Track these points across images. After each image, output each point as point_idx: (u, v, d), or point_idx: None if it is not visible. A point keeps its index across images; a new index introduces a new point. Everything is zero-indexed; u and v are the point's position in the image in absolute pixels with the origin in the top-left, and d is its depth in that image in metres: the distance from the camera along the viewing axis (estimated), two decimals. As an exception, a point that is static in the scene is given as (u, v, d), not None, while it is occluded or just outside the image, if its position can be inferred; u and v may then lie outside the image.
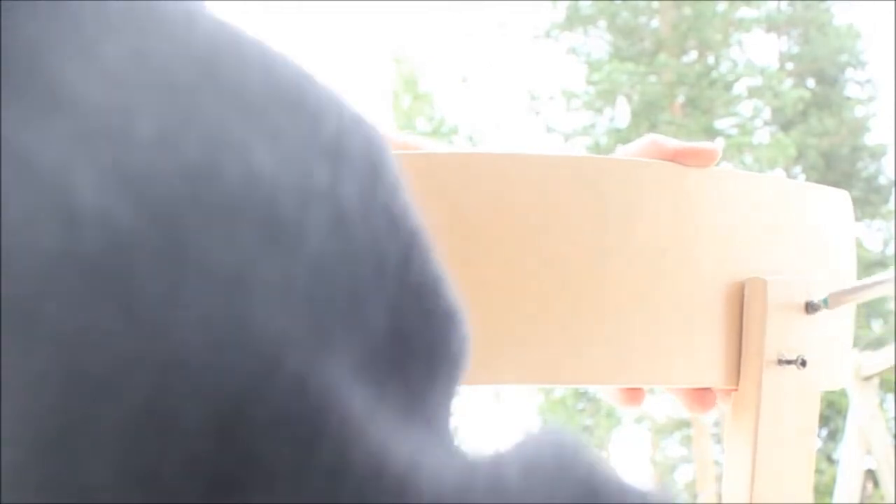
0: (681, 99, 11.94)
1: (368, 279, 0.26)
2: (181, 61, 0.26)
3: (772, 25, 12.63)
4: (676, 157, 0.60)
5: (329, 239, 0.26)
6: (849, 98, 12.61)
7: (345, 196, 0.26)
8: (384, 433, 0.26)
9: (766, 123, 12.34)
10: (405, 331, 0.27)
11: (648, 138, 0.61)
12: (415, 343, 0.28)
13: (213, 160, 0.25)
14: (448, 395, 0.29)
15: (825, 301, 0.60)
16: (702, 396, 0.62)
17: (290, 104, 0.27)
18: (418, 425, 0.27)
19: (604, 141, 11.96)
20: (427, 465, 0.26)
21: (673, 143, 0.60)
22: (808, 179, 11.49)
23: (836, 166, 12.19)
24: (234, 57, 0.27)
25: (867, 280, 0.61)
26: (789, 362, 0.60)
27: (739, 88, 12.20)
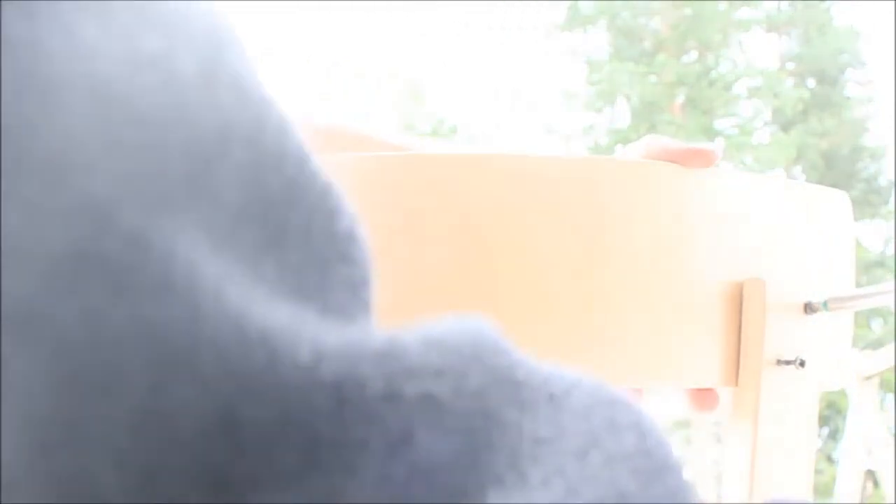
0: (681, 99, 11.93)
1: (210, 146, 0.26)
2: None
3: (772, 25, 12.62)
4: (678, 159, 0.60)
5: (159, 101, 0.25)
6: (849, 98, 12.59)
7: (179, 61, 0.26)
8: (249, 300, 0.25)
9: (766, 123, 12.34)
10: (269, 203, 0.27)
11: (649, 139, 0.61)
12: (283, 216, 0.27)
13: (35, 37, 0.25)
14: (346, 278, 0.28)
15: (825, 305, 0.60)
16: (704, 396, 0.62)
17: None
18: (303, 304, 0.26)
19: (604, 141, 11.95)
20: (308, 331, 0.25)
21: (674, 144, 0.60)
22: (808, 180, 11.50)
23: (837, 166, 12.18)
24: None
25: (869, 289, 0.61)
26: (788, 363, 0.60)
27: (739, 88, 12.20)
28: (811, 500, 0.61)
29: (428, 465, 0.26)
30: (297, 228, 0.27)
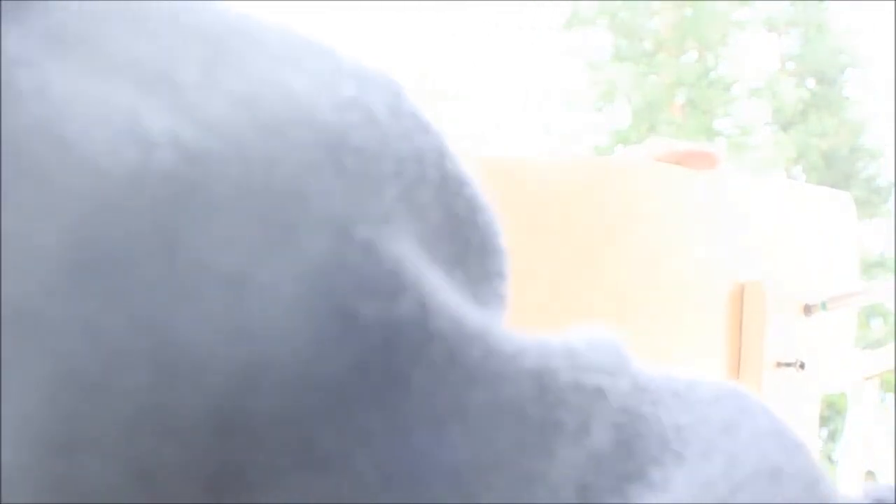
0: (681, 99, 11.93)
1: (411, 169, 0.29)
2: (211, 23, 0.30)
3: (772, 25, 12.61)
4: (681, 160, 0.60)
5: (367, 135, 0.29)
6: (849, 98, 12.59)
7: (372, 103, 0.30)
8: (457, 302, 0.28)
9: (765, 123, 12.33)
10: (457, 221, 0.30)
11: (652, 142, 0.61)
12: (467, 233, 0.31)
13: (253, 89, 0.28)
14: (501, 292, 0.32)
15: (823, 305, 0.60)
16: None
17: (308, 47, 0.31)
18: (480, 307, 0.30)
19: (604, 141, 11.95)
20: (503, 329, 0.29)
21: (677, 146, 0.60)
22: (807, 180, 11.49)
23: (836, 167, 12.18)
24: (250, 20, 0.31)
25: (866, 286, 0.61)
26: (788, 365, 0.60)
27: (739, 88, 12.19)
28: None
29: (599, 451, 0.29)
30: (475, 245, 0.31)
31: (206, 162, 0.27)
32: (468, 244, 0.31)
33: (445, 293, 0.28)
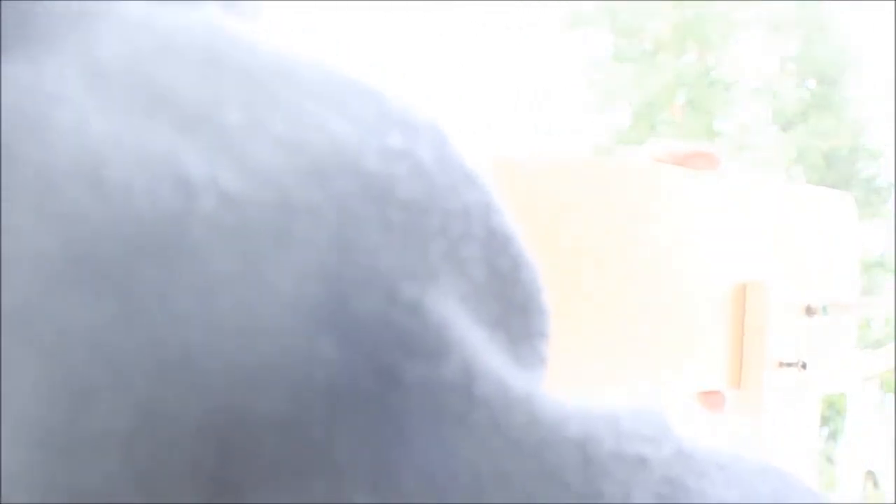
0: (681, 99, 11.93)
1: (458, 225, 0.29)
2: (254, 63, 0.29)
3: (772, 26, 12.61)
4: (682, 161, 0.60)
5: (414, 188, 0.28)
6: (849, 98, 12.58)
7: (420, 153, 0.29)
8: (500, 364, 0.28)
9: (766, 124, 12.33)
10: (501, 279, 0.30)
11: (653, 143, 0.61)
12: (511, 292, 0.30)
13: (297, 133, 0.28)
14: (542, 351, 0.31)
15: (825, 309, 0.60)
16: (709, 398, 0.62)
17: (351, 88, 0.30)
18: (525, 372, 0.29)
19: (604, 141, 11.94)
20: (546, 394, 0.28)
21: (678, 146, 0.60)
22: (808, 180, 11.49)
23: (837, 167, 12.18)
24: (291, 56, 0.30)
25: (871, 298, 0.61)
26: (790, 365, 0.60)
27: (739, 89, 12.19)
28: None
29: None
30: (518, 304, 0.30)
31: (248, 209, 0.26)
32: (511, 303, 0.30)
33: (489, 355, 0.28)
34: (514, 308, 0.30)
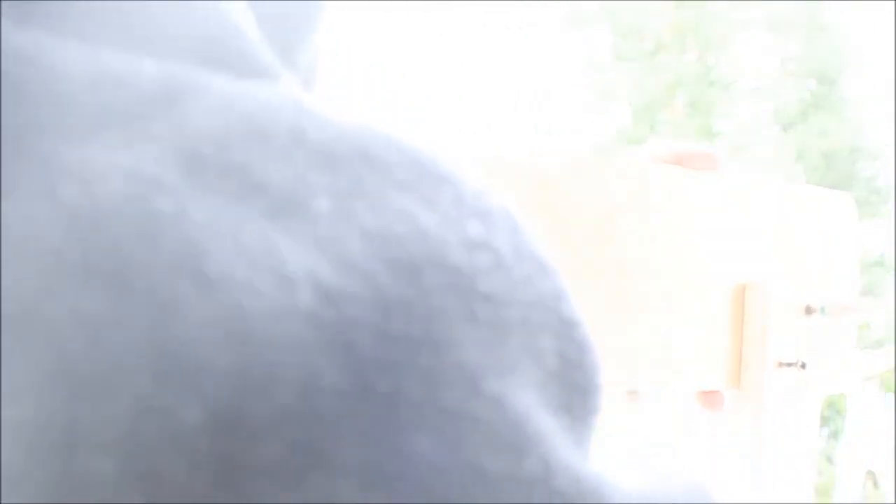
0: (681, 99, 11.92)
1: (535, 316, 0.30)
2: (337, 145, 0.29)
3: (772, 25, 12.60)
4: (681, 161, 0.60)
5: (495, 280, 0.29)
6: (849, 98, 12.58)
7: (498, 243, 0.30)
8: (570, 452, 0.29)
9: (766, 124, 12.33)
10: (569, 365, 0.31)
11: (654, 142, 0.61)
12: (576, 376, 0.31)
13: (385, 224, 0.28)
14: (594, 425, 0.32)
15: (824, 310, 0.60)
16: (708, 397, 0.62)
17: (430, 175, 0.30)
18: (581, 450, 0.31)
19: (604, 141, 11.94)
20: (612, 481, 0.29)
21: (677, 146, 0.60)
22: (808, 180, 11.48)
23: (837, 167, 12.17)
24: (369, 137, 0.30)
25: (871, 298, 0.61)
26: (790, 365, 0.60)
27: (739, 89, 12.19)
28: (812, 501, 0.61)
29: None
30: (581, 387, 0.31)
31: (346, 305, 0.27)
32: (575, 386, 0.31)
33: (561, 445, 0.29)
34: (577, 391, 0.31)
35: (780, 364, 0.60)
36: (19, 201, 0.26)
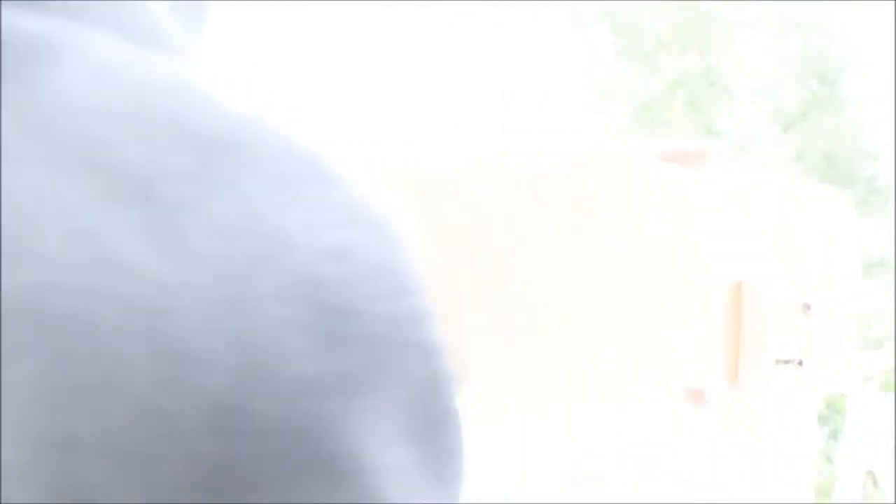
0: (681, 99, 11.93)
1: (385, 332, 0.28)
2: (211, 127, 0.28)
3: (772, 25, 12.60)
4: (675, 159, 0.60)
5: (342, 292, 0.28)
6: (849, 98, 12.58)
7: (357, 255, 0.29)
8: (417, 486, 0.28)
9: (766, 124, 12.33)
10: (423, 389, 0.29)
11: (641, 141, 0.61)
12: (432, 403, 0.30)
13: (235, 218, 0.27)
14: (457, 458, 0.31)
15: (823, 309, 0.61)
16: (692, 392, 0.62)
17: (307, 175, 0.29)
18: (439, 487, 0.30)
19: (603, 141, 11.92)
20: None
21: (670, 144, 0.60)
22: (808, 180, 11.47)
23: (837, 167, 12.18)
24: (254, 126, 0.29)
25: (871, 298, 0.61)
26: (787, 362, 0.60)
27: (740, 88, 12.19)
28: (812, 501, 0.61)
29: None
30: (439, 419, 0.30)
31: (166, 296, 0.26)
32: (432, 416, 0.30)
33: (401, 483, 0.28)
34: (435, 421, 0.30)
35: (778, 361, 0.60)
36: None
